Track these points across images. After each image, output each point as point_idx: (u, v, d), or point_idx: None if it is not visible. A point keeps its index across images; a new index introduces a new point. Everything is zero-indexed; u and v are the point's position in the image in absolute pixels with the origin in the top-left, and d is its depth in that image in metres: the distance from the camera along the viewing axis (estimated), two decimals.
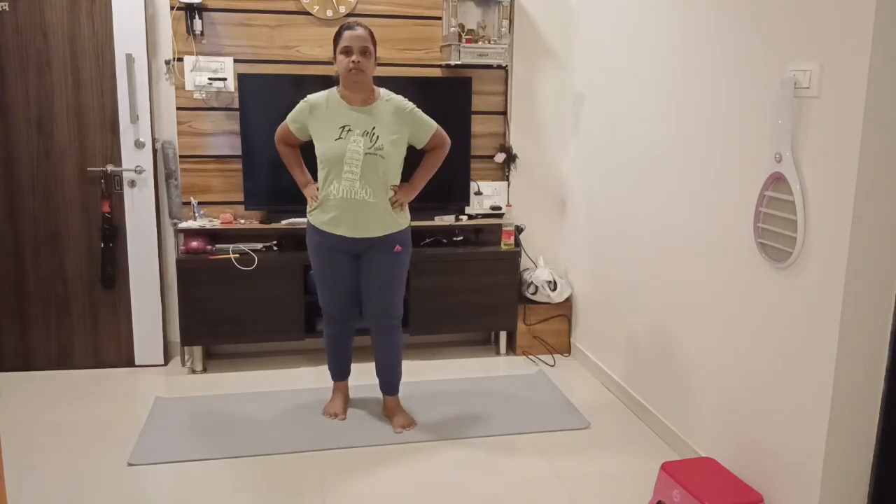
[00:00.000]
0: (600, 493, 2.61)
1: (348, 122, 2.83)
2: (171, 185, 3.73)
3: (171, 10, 3.64)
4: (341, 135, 2.81)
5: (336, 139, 2.81)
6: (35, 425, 3.09)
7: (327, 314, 3.09)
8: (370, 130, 2.83)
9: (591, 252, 3.79)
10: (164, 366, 3.80)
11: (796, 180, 2.19)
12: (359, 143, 2.80)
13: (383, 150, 2.83)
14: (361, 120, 2.83)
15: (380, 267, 2.95)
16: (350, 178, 2.81)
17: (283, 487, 2.63)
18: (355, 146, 2.80)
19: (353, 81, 2.80)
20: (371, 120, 2.84)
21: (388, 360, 3.09)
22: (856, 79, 1.97)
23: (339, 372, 3.22)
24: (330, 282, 3.00)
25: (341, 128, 2.82)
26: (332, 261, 2.96)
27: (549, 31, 3.98)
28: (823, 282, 2.12)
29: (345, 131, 2.81)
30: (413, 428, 3.08)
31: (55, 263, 3.65)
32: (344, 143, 2.80)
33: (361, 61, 2.77)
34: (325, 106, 2.86)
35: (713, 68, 2.64)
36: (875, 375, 2.12)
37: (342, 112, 2.84)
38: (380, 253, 2.94)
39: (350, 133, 2.81)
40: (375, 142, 2.82)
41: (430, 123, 2.97)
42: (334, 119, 2.84)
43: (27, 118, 3.53)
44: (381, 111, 2.87)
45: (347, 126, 2.82)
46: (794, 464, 2.26)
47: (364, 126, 2.83)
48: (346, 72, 2.78)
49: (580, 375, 3.75)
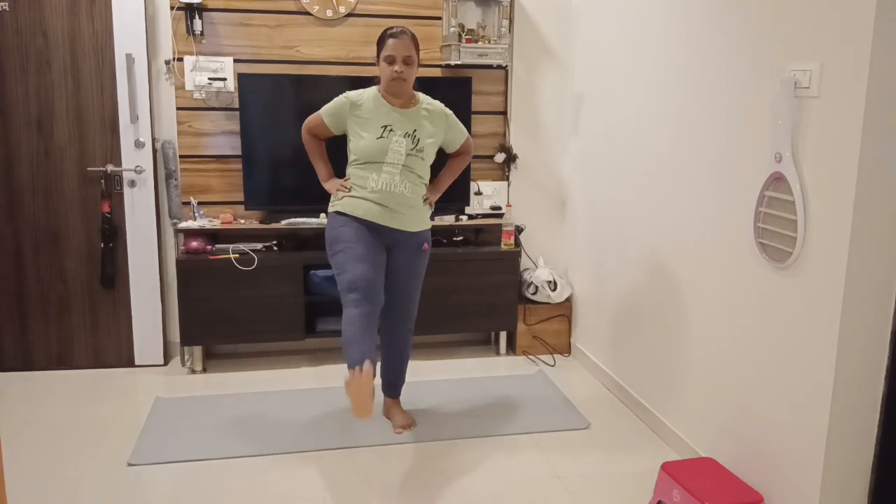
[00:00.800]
0: (600, 493, 2.61)
1: (390, 122, 2.84)
2: (171, 185, 3.73)
3: (171, 10, 3.64)
4: (383, 134, 2.82)
5: (378, 137, 2.82)
6: (35, 425, 3.09)
7: (357, 291, 2.72)
8: (411, 133, 2.85)
9: (591, 252, 3.78)
10: (164, 366, 3.80)
11: (796, 180, 2.19)
12: (401, 143, 2.82)
13: (423, 152, 2.87)
14: (403, 121, 2.85)
15: (408, 263, 2.94)
16: (391, 171, 2.82)
17: (283, 487, 2.63)
18: (398, 147, 2.82)
19: (395, 89, 2.83)
20: (412, 122, 2.87)
21: (397, 364, 3.09)
22: (856, 79, 1.97)
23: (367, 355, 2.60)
24: (362, 252, 2.77)
25: (383, 127, 2.83)
26: (364, 236, 2.82)
27: (549, 31, 3.98)
28: (823, 282, 2.12)
29: (387, 131, 2.83)
30: (413, 428, 3.08)
31: (55, 263, 3.65)
32: (386, 142, 2.81)
33: (404, 70, 2.79)
34: (367, 104, 2.86)
35: (713, 68, 2.64)
36: (875, 375, 2.12)
37: (384, 111, 2.85)
38: (409, 251, 2.94)
39: (392, 133, 2.83)
40: (417, 144, 2.85)
41: (463, 130, 3.04)
42: (376, 118, 2.84)
43: (27, 118, 3.53)
44: (421, 115, 2.90)
45: (389, 126, 2.83)
46: (794, 464, 2.26)
47: (406, 128, 2.85)
48: (389, 80, 2.80)
49: (580, 375, 3.75)
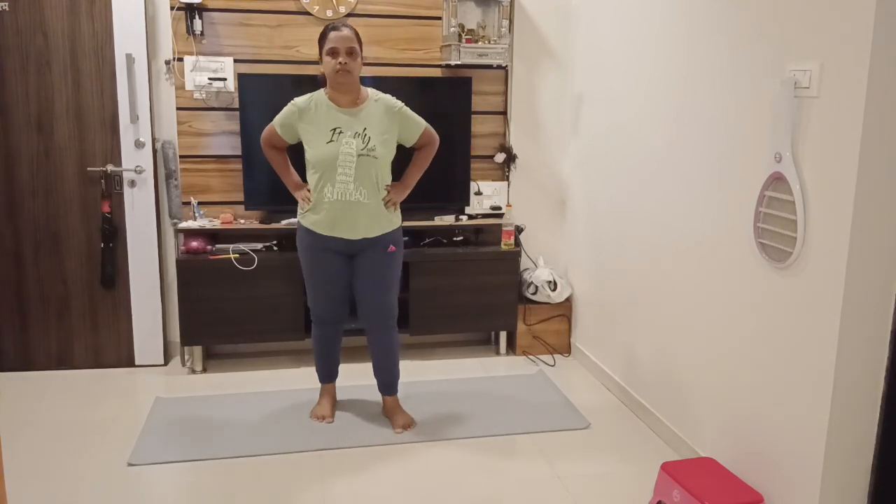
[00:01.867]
0: (600, 493, 2.61)
1: (339, 125, 2.81)
2: (171, 185, 3.73)
3: (171, 10, 3.64)
4: (332, 137, 2.80)
5: (328, 142, 2.79)
6: (35, 425, 3.09)
7: (317, 315, 3.08)
8: (361, 132, 2.81)
9: (591, 252, 3.79)
10: (164, 366, 3.80)
11: (796, 180, 2.19)
12: (351, 145, 2.79)
13: (375, 150, 2.82)
14: (351, 121, 2.82)
15: (374, 267, 2.95)
16: (344, 180, 2.80)
17: (282, 487, 2.63)
18: (348, 148, 2.79)
19: (341, 82, 2.79)
20: (361, 121, 2.83)
21: (385, 361, 3.08)
22: (856, 79, 1.97)
23: (328, 374, 3.20)
24: (321, 282, 2.99)
25: (332, 130, 2.80)
26: (325, 261, 2.95)
27: (549, 31, 3.98)
28: (823, 282, 2.12)
29: (336, 133, 2.80)
30: (413, 428, 3.08)
31: (55, 263, 3.65)
32: (336, 145, 2.79)
33: (348, 62, 2.76)
34: (314, 109, 2.84)
35: (713, 68, 2.64)
36: (875, 375, 2.12)
37: (331, 114, 2.83)
38: (374, 253, 2.94)
39: (341, 135, 2.80)
40: (367, 143, 2.81)
41: (419, 122, 2.96)
42: (324, 122, 2.82)
43: (27, 118, 3.53)
44: (370, 112, 2.86)
45: (338, 128, 2.81)
46: (794, 464, 2.26)
47: (355, 128, 2.81)
48: (334, 73, 2.77)
49: (580, 375, 3.75)
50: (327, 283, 2.99)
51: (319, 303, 3.04)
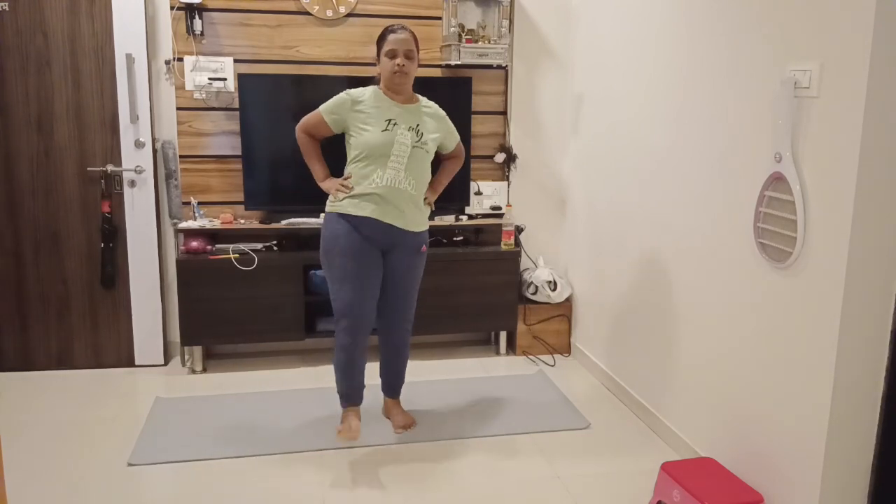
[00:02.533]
0: (600, 493, 2.61)
1: (393, 116, 2.83)
2: (171, 185, 3.73)
3: (171, 10, 3.64)
4: (388, 127, 2.80)
5: (383, 130, 2.80)
6: (35, 425, 3.09)
7: (350, 318, 2.79)
8: (415, 126, 2.85)
9: (591, 252, 3.79)
10: (164, 366, 3.80)
11: (796, 180, 2.19)
12: (406, 136, 2.82)
13: (427, 144, 2.87)
14: (406, 115, 2.85)
15: (408, 268, 2.94)
16: (396, 167, 2.80)
17: (283, 487, 2.63)
18: (403, 139, 2.81)
19: (397, 83, 2.82)
20: (414, 117, 2.87)
21: (396, 364, 3.07)
22: (856, 79, 1.97)
23: (356, 391, 2.88)
24: (358, 271, 2.78)
25: (387, 121, 2.82)
26: (363, 252, 2.80)
27: (549, 31, 3.98)
28: (823, 282, 2.12)
29: (391, 124, 2.81)
30: (413, 428, 3.08)
31: (55, 263, 3.65)
32: (391, 134, 2.79)
33: (406, 64, 2.80)
34: (369, 100, 2.85)
35: (713, 68, 2.64)
36: (875, 375, 2.12)
37: (387, 106, 2.84)
38: (408, 253, 2.92)
39: (396, 126, 2.81)
40: (421, 137, 2.85)
41: (457, 134, 3.06)
42: (380, 112, 2.83)
43: (27, 118, 3.53)
44: (422, 111, 2.91)
45: (393, 120, 2.82)
46: (794, 464, 2.26)
47: (409, 122, 2.85)
48: (391, 74, 2.80)
49: (580, 375, 3.75)
50: (364, 274, 2.80)
51: (354, 297, 2.77)
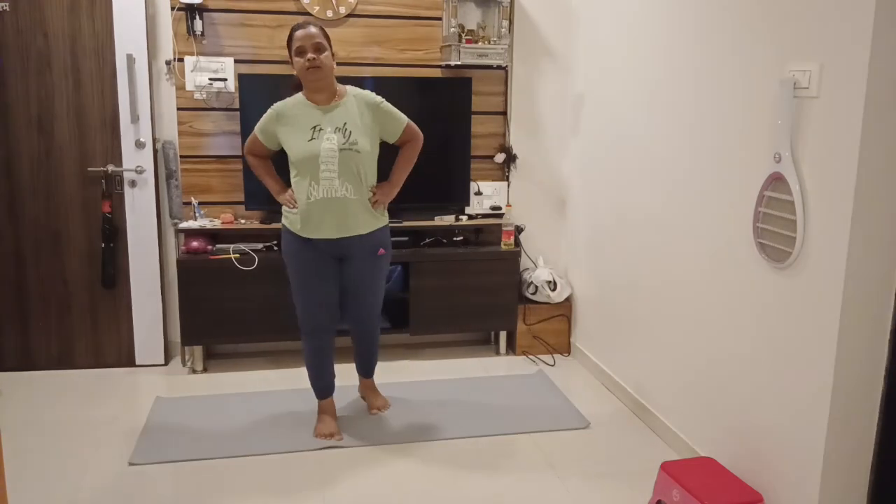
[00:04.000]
0: (600, 493, 2.61)
1: (318, 122, 2.77)
2: (172, 185, 3.74)
3: (172, 11, 3.64)
4: (313, 135, 2.76)
5: (309, 140, 2.75)
6: (35, 425, 3.10)
7: (310, 325, 2.94)
8: (342, 126, 2.77)
9: (591, 252, 3.79)
10: (165, 366, 3.80)
11: (796, 180, 2.19)
12: (332, 140, 2.75)
13: (358, 144, 2.77)
14: (331, 117, 2.78)
15: (365, 273, 2.94)
16: (328, 176, 2.75)
17: (283, 487, 2.63)
18: (329, 143, 2.74)
19: (313, 80, 2.74)
20: (341, 116, 2.79)
21: (369, 349, 3.18)
22: (856, 79, 1.98)
23: (325, 388, 3.05)
24: (313, 286, 2.89)
25: (312, 128, 2.77)
26: (316, 264, 2.87)
27: (549, 32, 3.98)
28: (823, 282, 2.12)
29: (316, 131, 2.76)
30: (388, 409, 3.22)
31: (56, 263, 3.66)
32: (317, 142, 2.75)
33: (317, 58, 2.71)
34: (293, 110, 2.81)
35: (713, 68, 2.64)
36: (875, 375, 2.12)
37: (310, 112, 2.79)
38: (363, 258, 2.91)
39: (322, 132, 2.76)
40: (349, 137, 2.76)
41: (401, 117, 2.91)
42: (304, 121, 2.78)
43: (28, 118, 3.53)
44: (349, 107, 2.82)
45: (318, 126, 2.77)
46: (794, 464, 2.26)
47: (335, 123, 2.77)
48: (305, 71, 2.72)
49: (580, 375, 3.75)
50: (318, 288, 2.89)
51: (312, 310, 2.92)
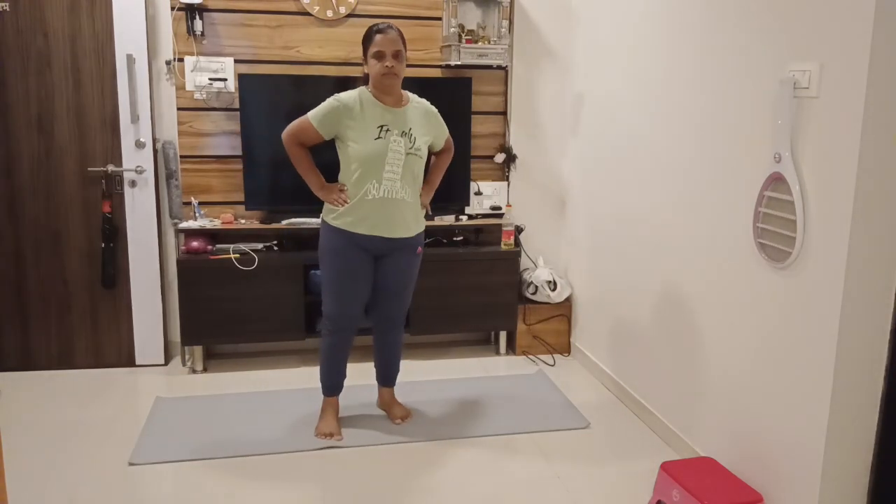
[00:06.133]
0: (600, 493, 2.61)
1: (385, 122, 2.78)
2: (172, 185, 3.74)
3: (172, 11, 3.64)
4: (380, 134, 2.76)
5: (376, 139, 2.75)
6: (35, 425, 3.10)
7: (339, 322, 2.90)
8: (407, 131, 2.80)
9: (591, 252, 3.79)
10: (165, 366, 3.80)
11: (795, 180, 2.19)
12: (399, 143, 2.77)
13: (421, 150, 2.83)
14: (398, 120, 2.80)
15: (404, 270, 2.94)
16: (391, 177, 2.77)
17: (283, 487, 2.63)
18: (397, 146, 2.76)
19: (387, 86, 2.76)
20: (407, 121, 2.82)
21: (390, 357, 3.14)
22: (855, 79, 1.98)
23: (336, 385, 3.04)
24: (351, 285, 2.86)
25: (379, 128, 2.76)
26: (358, 263, 2.85)
27: (549, 32, 3.98)
28: (823, 281, 2.12)
29: (383, 131, 2.76)
30: (410, 419, 3.13)
31: (56, 263, 3.66)
32: (384, 142, 2.75)
33: (395, 65, 2.72)
34: (360, 106, 2.78)
35: (713, 68, 2.64)
36: (875, 375, 2.12)
37: (378, 112, 2.78)
38: (405, 255, 2.93)
39: (389, 133, 2.76)
40: (414, 142, 2.81)
41: (446, 128, 3.02)
42: (371, 119, 2.77)
43: (28, 118, 3.53)
44: (413, 112, 2.86)
45: (385, 126, 2.77)
46: (793, 464, 2.26)
47: (401, 126, 2.80)
48: (381, 77, 2.73)
49: (580, 375, 3.75)
50: (357, 287, 2.87)
51: (346, 308, 2.88)
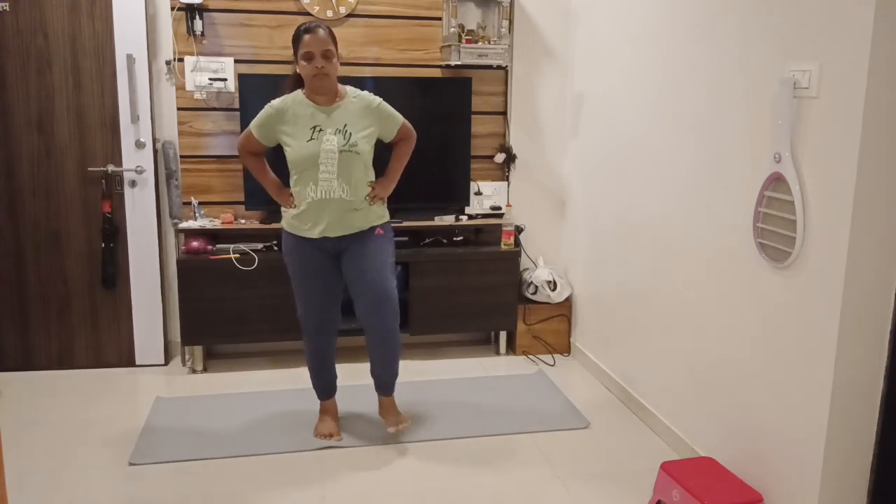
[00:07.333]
0: (600, 493, 2.61)
1: (318, 123, 2.76)
2: (172, 185, 3.74)
3: (172, 11, 3.64)
4: (313, 135, 2.74)
5: (308, 140, 2.74)
6: (35, 425, 3.10)
7: (311, 324, 2.93)
8: (342, 128, 2.76)
9: (591, 252, 3.79)
10: (165, 366, 3.80)
11: (795, 180, 2.19)
12: (332, 141, 2.73)
13: (357, 146, 2.77)
14: (331, 118, 2.77)
15: (364, 251, 2.85)
16: (327, 177, 2.74)
17: (283, 487, 2.63)
18: (329, 145, 2.73)
19: (319, 87, 2.73)
20: (341, 117, 2.78)
21: (383, 361, 2.93)
22: (855, 79, 1.98)
23: (327, 389, 3.03)
24: (312, 286, 2.87)
25: (312, 128, 2.75)
26: (315, 263, 2.85)
27: (549, 32, 3.98)
28: (823, 282, 2.12)
29: (316, 131, 2.74)
30: (407, 426, 2.98)
31: (56, 263, 3.66)
32: (317, 143, 2.73)
33: (325, 66, 2.69)
34: (292, 109, 2.78)
35: (713, 68, 2.64)
36: (875, 375, 2.12)
37: (310, 113, 2.77)
38: (361, 244, 2.86)
39: (322, 133, 2.74)
40: (349, 139, 2.76)
41: (397, 117, 2.91)
42: (303, 121, 2.76)
43: (28, 118, 3.53)
44: (349, 108, 2.80)
45: (318, 126, 2.75)
46: (793, 464, 2.26)
47: (335, 124, 2.76)
48: (311, 78, 2.70)
49: (580, 375, 3.75)
50: (318, 287, 2.88)
51: (312, 310, 2.91)
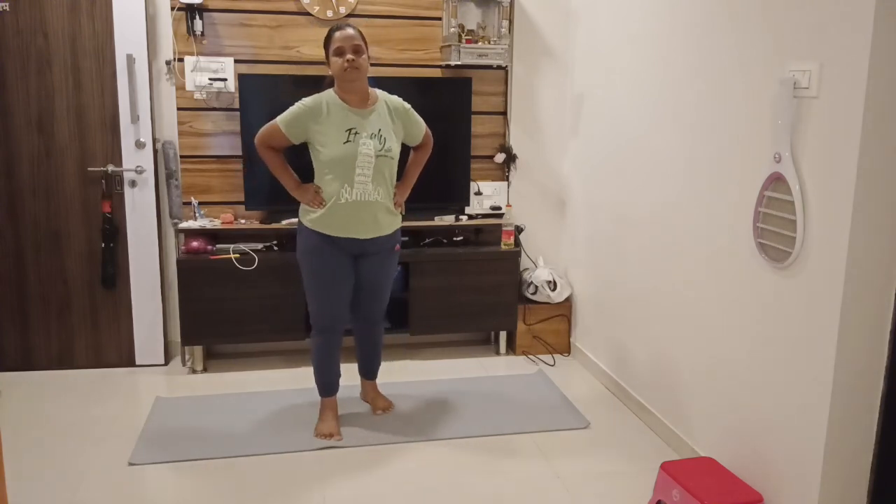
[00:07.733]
0: (600, 493, 2.61)
1: (353, 125, 2.78)
2: (172, 185, 3.74)
3: (172, 11, 3.64)
4: (349, 138, 2.77)
5: (345, 143, 2.76)
6: (35, 425, 3.10)
7: (323, 323, 2.94)
8: (377, 132, 2.81)
9: (591, 252, 3.79)
10: (165, 366, 3.80)
11: (795, 180, 2.19)
12: (369, 146, 2.78)
13: (392, 151, 2.84)
14: (366, 122, 2.80)
15: (382, 269, 2.99)
16: (363, 180, 2.79)
17: (283, 487, 2.63)
18: (366, 149, 2.77)
19: (350, 80, 2.76)
20: (376, 122, 2.82)
21: (370, 353, 3.20)
22: (855, 79, 1.98)
23: (331, 386, 3.04)
24: (331, 285, 2.89)
25: (347, 131, 2.77)
26: (337, 263, 2.87)
27: (549, 32, 3.98)
28: (823, 281, 2.12)
29: (352, 134, 2.77)
30: (392, 411, 3.20)
31: (56, 263, 3.66)
32: (354, 146, 2.76)
33: (356, 59, 2.73)
34: (327, 109, 2.80)
35: (713, 68, 2.64)
36: (875, 375, 2.12)
37: (344, 115, 2.79)
38: (382, 254, 2.96)
39: (357, 136, 2.77)
40: (384, 144, 2.81)
41: (422, 122, 3.01)
42: (338, 122, 2.78)
43: (28, 118, 3.53)
44: (382, 112, 2.86)
45: (354, 129, 2.78)
46: (793, 464, 2.26)
47: (370, 128, 2.80)
48: (342, 71, 2.74)
49: (580, 375, 3.75)
50: (337, 286, 2.90)
51: (328, 308, 2.91)
